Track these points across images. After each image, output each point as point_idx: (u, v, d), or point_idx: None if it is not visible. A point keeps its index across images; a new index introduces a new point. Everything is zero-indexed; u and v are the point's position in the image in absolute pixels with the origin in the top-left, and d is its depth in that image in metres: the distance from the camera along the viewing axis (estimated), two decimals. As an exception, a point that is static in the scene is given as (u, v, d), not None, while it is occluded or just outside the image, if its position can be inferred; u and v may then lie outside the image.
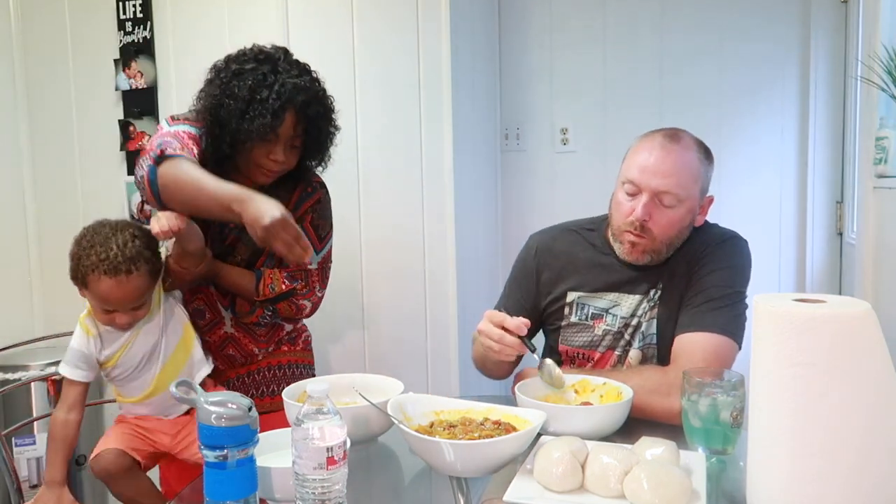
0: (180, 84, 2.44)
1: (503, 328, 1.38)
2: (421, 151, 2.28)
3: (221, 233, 1.68)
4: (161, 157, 1.45)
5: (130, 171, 2.50)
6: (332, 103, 1.64)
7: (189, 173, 1.44)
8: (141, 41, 2.44)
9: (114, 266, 1.41)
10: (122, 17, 2.45)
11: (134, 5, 2.43)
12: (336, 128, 1.67)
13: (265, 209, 1.35)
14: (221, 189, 1.40)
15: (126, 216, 2.47)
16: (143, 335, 1.54)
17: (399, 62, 2.27)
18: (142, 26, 2.44)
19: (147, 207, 1.58)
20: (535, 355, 1.40)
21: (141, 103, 2.47)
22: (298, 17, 2.30)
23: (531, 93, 2.86)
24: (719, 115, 2.70)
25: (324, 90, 1.63)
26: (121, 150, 2.51)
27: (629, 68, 2.76)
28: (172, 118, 1.62)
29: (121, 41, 2.47)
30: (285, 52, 1.61)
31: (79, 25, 2.53)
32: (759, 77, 2.66)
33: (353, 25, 2.28)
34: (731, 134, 2.69)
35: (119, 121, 2.50)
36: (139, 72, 2.45)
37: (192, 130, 1.57)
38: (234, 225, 1.64)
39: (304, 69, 1.61)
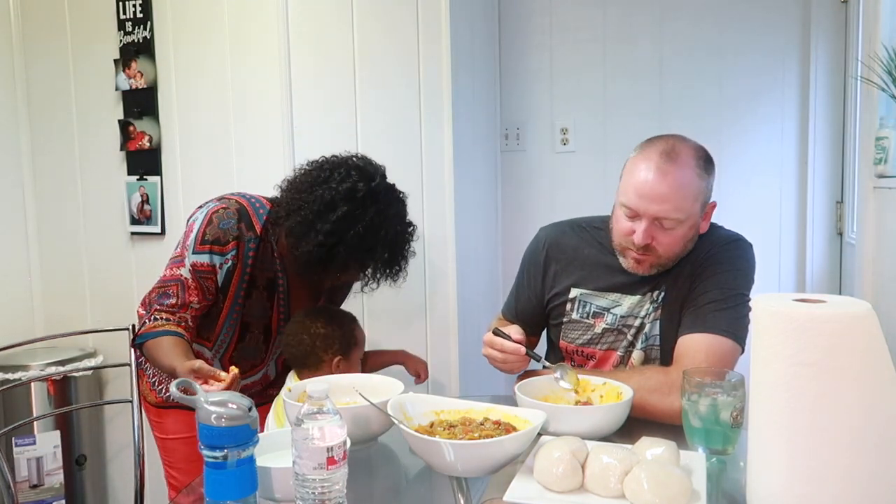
0: (180, 84, 2.43)
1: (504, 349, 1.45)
2: (421, 151, 2.27)
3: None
4: (141, 337, 1.57)
5: (130, 171, 2.49)
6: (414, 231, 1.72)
7: (161, 360, 1.52)
8: (141, 41, 2.44)
9: None
10: (122, 17, 2.45)
11: (134, 5, 2.43)
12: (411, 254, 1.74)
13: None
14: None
15: (126, 216, 2.47)
16: None
17: (399, 62, 2.26)
18: (142, 26, 2.43)
19: (147, 207, 1.60)
20: (542, 363, 1.44)
21: (141, 103, 2.46)
22: (299, 18, 2.29)
23: (531, 93, 2.86)
24: (719, 115, 2.69)
25: (412, 226, 1.71)
26: (121, 150, 2.50)
27: (629, 68, 2.76)
28: (215, 211, 1.65)
29: (121, 41, 2.46)
30: (386, 186, 1.67)
31: (79, 26, 2.53)
32: (759, 77, 2.66)
33: (353, 26, 2.28)
34: (731, 134, 2.68)
35: (119, 121, 2.49)
36: (139, 72, 2.45)
37: (210, 260, 1.61)
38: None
39: (401, 202, 1.68)
